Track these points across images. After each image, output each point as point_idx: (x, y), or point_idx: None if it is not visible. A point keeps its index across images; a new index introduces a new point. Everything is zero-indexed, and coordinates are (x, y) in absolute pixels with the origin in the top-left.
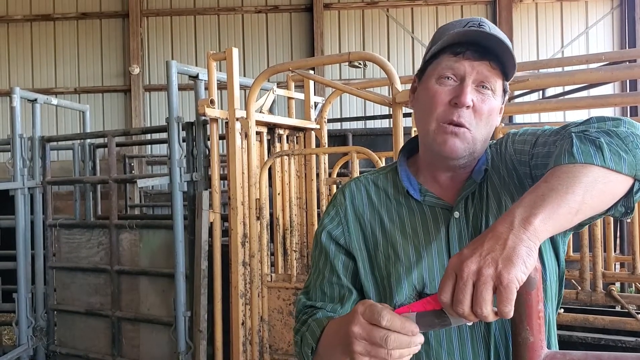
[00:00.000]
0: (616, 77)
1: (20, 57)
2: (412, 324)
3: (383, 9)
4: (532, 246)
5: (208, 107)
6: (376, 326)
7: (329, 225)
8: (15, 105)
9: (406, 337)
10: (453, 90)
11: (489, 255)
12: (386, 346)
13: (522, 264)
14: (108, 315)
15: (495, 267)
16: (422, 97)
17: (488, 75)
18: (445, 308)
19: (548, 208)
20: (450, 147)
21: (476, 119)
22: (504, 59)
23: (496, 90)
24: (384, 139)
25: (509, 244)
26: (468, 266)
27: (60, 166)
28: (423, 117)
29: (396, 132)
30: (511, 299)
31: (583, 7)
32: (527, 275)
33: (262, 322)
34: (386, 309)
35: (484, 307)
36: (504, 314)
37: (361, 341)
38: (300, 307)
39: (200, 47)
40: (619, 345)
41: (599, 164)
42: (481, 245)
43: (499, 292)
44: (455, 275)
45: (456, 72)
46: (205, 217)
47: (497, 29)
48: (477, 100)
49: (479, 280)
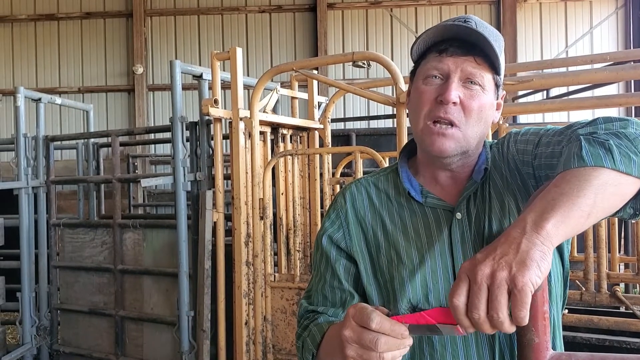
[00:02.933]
0: (621, 77)
1: (24, 56)
2: (402, 327)
3: (387, 8)
4: (545, 250)
5: (212, 107)
6: (366, 329)
7: (330, 229)
8: (19, 105)
9: (396, 340)
10: (439, 88)
11: (503, 259)
12: (376, 349)
13: (536, 268)
14: (111, 314)
15: (509, 271)
16: (412, 98)
17: (473, 71)
18: (458, 314)
19: (560, 212)
20: (438, 146)
21: (466, 115)
22: (489, 54)
23: (485, 85)
24: (387, 139)
25: (523, 248)
26: (482, 269)
27: (64, 165)
28: (413, 117)
29: (400, 132)
30: (526, 302)
31: (587, 7)
32: (542, 278)
33: (266, 322)
34: (376, 312)
35: (500, 312)
36: (519, 319)
37: (353, 344)
38: (302, 311)
39: (204, 47)
40: (624, 346)
41: (609, 167)
42: (494, 250)
43: (513, 296)
44: (469, 279)
45: (441, 70)
46: (209, 216)
47: (485, 24)
48: (464, 97)
49: (493, 284)
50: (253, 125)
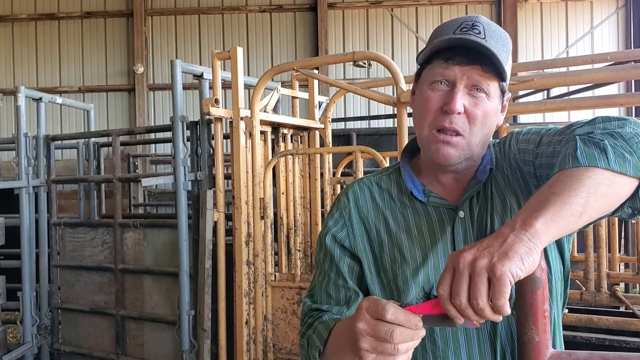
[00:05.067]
0: (622, 77)
1: (25, 56)
2: (416, 317)
3: (387, 8)
4: (532, 247)
5: (212, 106)
6: (381, 321)
7: (333, 228)
8: (20, 104)
9: (410, 331)
10: (444, 96)
11: (486, 249)
12: (392, 340)
13: (518, 260)
14: (112, 313)
15: (490, 259)
16: (417, 102)
17: (480, 79)
18: (444, 302)
19: (550, 211)
20: (443, 155)
21: (470, 124)
22: (496, 63)
23: (490, 92)
24: (388, 139)
25: (508, 241)
26: (464, 257)
27: (64, 165)
28: (418, 123)
29: (400, 131)
30: (503, 292)
31: (588, 7)
32: (525, 272)
33: (266, 321)
34: (390, 303)
35: (480, 299)
36: (497, 308)
37: (367, 337)
38: (306, 310)
39: (205, 47)
40: (623, 345)
41: (603, 167)
42: (481, 242)
43: (492, 284)
44: (453, 268)
45: (447, 77)
46: (210, 216)
47: (493, 28)
48: (469, 105)
49: (474, 272)
50: (254, 125)
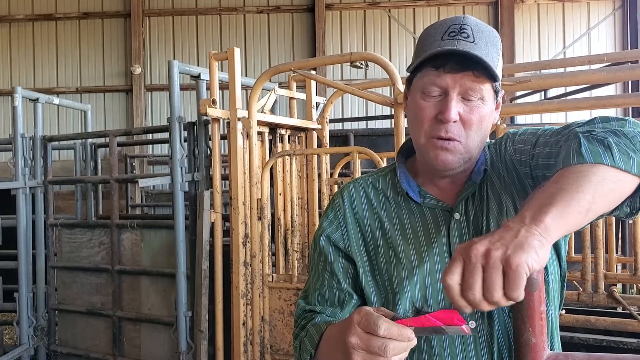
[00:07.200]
0: (619, 78)
1: (22, 56)
2: (408, 330)
3: (385, 9)
4: (544, 241)
5: (210, 107)
6: (373, 335)
7: (328, 229)
8: (17, 105)
9: (403, 344)
10: (438, 105)
11: (499, 241)
12: (385, 355)
13: (533, 252)
14: (109, 315)
15: (504, 251)
16: (410, 109)
17: (472, 85)
18: (452, 294)
19: (559, 207)
20: (442, 161)
21: (467, 130)
22: (487, 67)
23: (484, 96)
24: (385, 140)
25: (522, 234)
26: (477, 248)
27: (61, 166)
28: (413, 130)
29: (398, 132)
30: (520, 284)
31: (585, 8)
32: (539, 265)
33: (263, 323)
34: (382, 318)
35: (495, 292)
36: (512, 299)
37: (360, 351)
38: (300, 311)
39: (202, 47)
40: (621, 346)
41: (609, 164)
42: (492, 235)
43: (507, 276)
44: (463, 259)
45: (439, 86)
46: (207, 217)
47: (481, 28)
48: (464, 112)
49: (488, 264)
50: (251, 126)
